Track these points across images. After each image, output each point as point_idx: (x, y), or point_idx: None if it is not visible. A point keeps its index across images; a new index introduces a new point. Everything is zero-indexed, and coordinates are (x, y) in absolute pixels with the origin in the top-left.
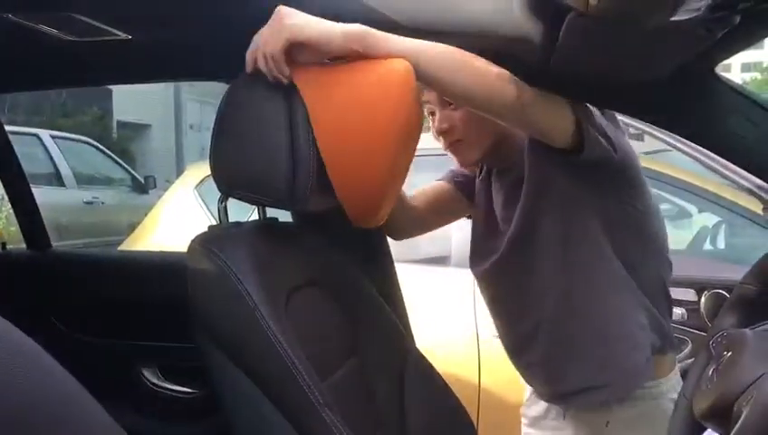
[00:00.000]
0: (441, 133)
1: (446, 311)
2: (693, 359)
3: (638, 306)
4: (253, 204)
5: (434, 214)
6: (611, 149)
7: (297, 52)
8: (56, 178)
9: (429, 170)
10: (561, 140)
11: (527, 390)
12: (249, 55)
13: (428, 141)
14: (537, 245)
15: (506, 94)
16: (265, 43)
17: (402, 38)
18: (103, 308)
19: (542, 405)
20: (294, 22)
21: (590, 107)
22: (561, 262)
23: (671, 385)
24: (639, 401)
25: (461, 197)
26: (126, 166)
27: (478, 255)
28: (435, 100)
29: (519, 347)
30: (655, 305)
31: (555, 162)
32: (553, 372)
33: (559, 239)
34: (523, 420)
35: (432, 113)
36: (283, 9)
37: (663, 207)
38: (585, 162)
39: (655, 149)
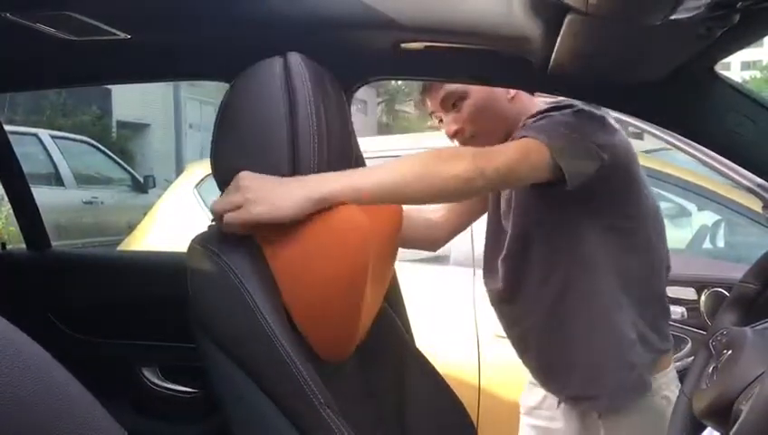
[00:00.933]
0: (453, 135)
1: (445, 310)
2: (693, 357)
3: (627, 324)
4: None
5: (459, 215)
6: (598, 160)
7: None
8: (56, 178)
9: None
10: (544, 179)
11: (528, 380)
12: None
13: (439, 140)
14: (527, 261)
15: (475, 184)
16: (223, 212)
17: (356, 182)
18: (103, 308)
19: (538, 395)
20: (259, 211)
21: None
22: (550, 277)
23: (664, 382)
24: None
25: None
26: (125, 165)
27: (488, 253)
28: (437, 106)
29: (518, 348)
30: (645, 318)
31: (539, 192)
32: (549, 376)
33: (547, 258)
34: (521, 409)
35: (440, 120)
36: (242, 178)
37: (663, 205)
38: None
39: (655, 148)
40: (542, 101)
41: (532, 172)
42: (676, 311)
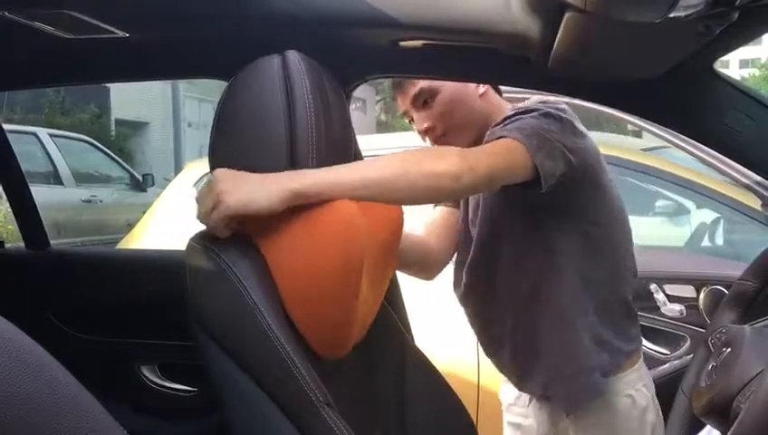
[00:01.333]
0: (425, 133)
1: (445, 309)
2: (691, 355)
3: (588, 329)
4: None
5: (450, 240)
6: (568, 162)
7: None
8: (54, 177)
9: None
10: (520, 180)
11: (502, 378)
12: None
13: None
14: (495, 264)
15: (462, 181)
16: (206, 215)
17: (336, 178)
18: (102, 306)
19: (513, 392)
20: (234, 203)
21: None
22: (519, 280)
23: (627, 382)
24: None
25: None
26: (124, 164)
27: (459, 259)
28: (409, 105)
29: (491, 348)
30: (607, 322)
31: (509, 194)
32: (521, 374)
33: (515, 262)
34: (502, 406)
35: (410, 119)
36: (218, 176)
37: (661, 203)
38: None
39: (653, 146)
40: (510, 107)
41: (513, 171)
42: (675, 309)
